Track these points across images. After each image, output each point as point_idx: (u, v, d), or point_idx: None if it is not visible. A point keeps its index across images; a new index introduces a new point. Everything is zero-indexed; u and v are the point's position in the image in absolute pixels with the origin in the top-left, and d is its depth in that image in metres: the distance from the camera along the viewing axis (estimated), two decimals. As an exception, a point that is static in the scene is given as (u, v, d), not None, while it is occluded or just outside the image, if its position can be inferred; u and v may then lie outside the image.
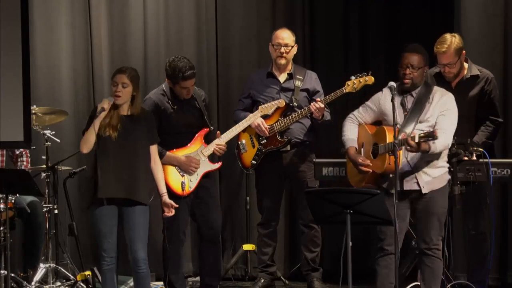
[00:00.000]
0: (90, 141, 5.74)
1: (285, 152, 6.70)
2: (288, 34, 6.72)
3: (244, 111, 6.78)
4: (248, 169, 6.83)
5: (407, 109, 5.74)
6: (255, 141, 6.74)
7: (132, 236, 5.76)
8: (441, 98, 5.73)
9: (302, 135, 6.71)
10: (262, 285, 6.87)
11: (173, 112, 6.35)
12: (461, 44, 6.17)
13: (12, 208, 6.62)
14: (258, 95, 6.77)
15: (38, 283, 6.69)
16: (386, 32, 7.73)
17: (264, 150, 6.70)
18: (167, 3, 7.75)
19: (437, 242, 5.69)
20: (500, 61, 6.91)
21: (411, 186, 5.66)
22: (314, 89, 6.74)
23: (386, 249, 5.68)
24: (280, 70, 6.78)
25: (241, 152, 6.80)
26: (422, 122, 5.68)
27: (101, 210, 5.76)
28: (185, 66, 6.21)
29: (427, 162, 5.67)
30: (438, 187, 5.70)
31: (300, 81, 6.71)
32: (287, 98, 6.69)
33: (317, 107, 6.45)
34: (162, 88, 6.41)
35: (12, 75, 6.64)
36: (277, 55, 6.72)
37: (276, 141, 6.67)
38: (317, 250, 6.83)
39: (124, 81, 5.78)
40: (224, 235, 7.77)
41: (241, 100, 6.87)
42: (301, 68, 6.87)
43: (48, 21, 7.64)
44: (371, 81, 6.35)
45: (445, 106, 5.70)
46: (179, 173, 6.32)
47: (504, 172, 6.04)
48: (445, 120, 5.66)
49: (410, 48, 5.76)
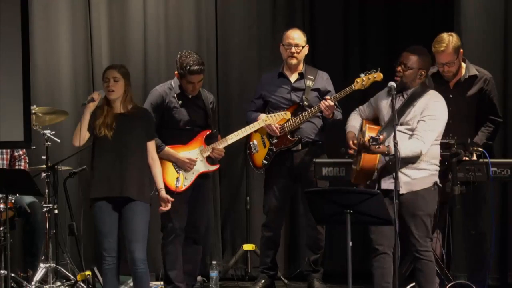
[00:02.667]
0: (81, 133, 5.74)
1: (296, 152, 6.69)
2: (299, 34, 6.73)
3: (256, 112, 6.77)
4: (259, 169, 6.82)
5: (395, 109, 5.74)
6: (266, 141, 6.74)
7: (130, 236, 5.76)
8: (428, 103, 5.65)
9: (314, 134, 6.70)
10: (262, 285, 6.86)
11: (177, 107, 6.37)
12: (459, 43, 6.19)
13: (12, 208, 6.63)
14: (269, 95, 6.77)
15: (38, 283, 6.69)
16: (386, 32, 7.74)
17: (275, 149, 6.69)
18: (167, 4, 7.75)
19: (425, 244, 5.61)
20: (500, 61, 6.92)
21: (388, 186, 5.61)
22: (325, 89, 6.74)
23: (377, 248, 5.67)
24: (291, 70, 6.78)
25: (253, 153, 6.80)
26: (403, 124, 5.64)
27: (100, 210, 5.76)
28: (193, 61, 6.25)
29: (405, 163, 5.57)
30: (418, 189, 5.62)
31: (311, 81, 6.72)
32: (298, 98, 6.69)
33: (326, 105, 6.45)
34: (171, 82, 6.46)
35: (12, 75, 6.64)
36: (288, 55, 6.72)
37: (287, 140, 6.67)
38: (320, 252, 6.83)
39: (115, 75, 5.82)
40: (224, 235, 7.79)
41: (253, 101, 6.87)
42: (312, 68, 6.85)
43: (48, 21, 7.64)
44: (380, 77, 6.32)
45: (428, 111, 5.61)
46: (175, 169, 6.34)
47: (504, 172, 6.04)
48: (423, 126, 5.58)
49: (410, 48, 5.75)
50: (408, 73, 5.69)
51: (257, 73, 7.68)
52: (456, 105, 6.25)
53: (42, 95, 7.55)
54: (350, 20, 7.76)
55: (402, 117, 5.63)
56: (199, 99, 6.47)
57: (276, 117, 6.54)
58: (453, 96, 6.27)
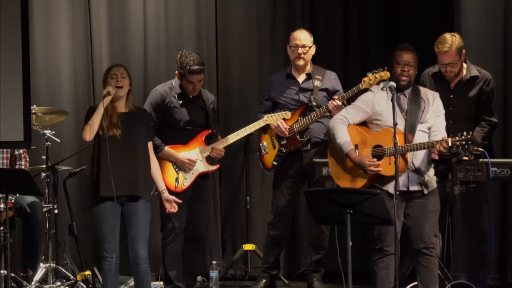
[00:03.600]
0: (95, 127, 5.74)
1: (306, 152, 6.69)
2: (305, 35, 6.72)
3: (265, 113, 6.77)
4: (269, 170, 6.81)
5: (404, 109, 5.76)
6: (275, 142, 6.74)
7: (134, 234, 5.76)
8: (435, 99, 5.82)
9: (323, 134, 6.68)
10: (263, 285, 6.86)
11: (177, 107, 6.37)
12: (462, 43, 6.19)
13: (12, 208, 6.63)
14: (277, 96, 6.76)
15: (38, 283, 6.69)
16: (386, 32, 7.74)
17: (285, 150, 6.69)
18: (167, 4, 7.74)
19: (433, 241, 5.72)
20: (500, 61, 6.91)
21: (414, 187, 5.69)
22: (333, 88, 6.73)
23: (386, 250, 5.68)
24: (299, 70, 6.77)
25: (262, 154, 6.79)
26: (423, 122, 5.72)
27: (104, 210, 5.75)
28: (193, 61, 6.26)
29: (428, 162, 5.71)
30: (435, 186, 5.78)
31: (319, 81, 6.71)
32: (306, 98, 6.69)
33: (334, 105, 6.44)
34: (171, 82, 6.47)
35: (12, 75, 6.64)
36: (295, 56, 6.71)
37: (296, 141, 6.67)
38: (323, 253, 6.83)
39: (122, 71, 5.86)
40: (224, 235, 7.78)
41: (262, 103, 6.86)
42: (320, 68, 6.84)
43: (48, 21, 7.63)
44: (387, 76, 6.28)
45: (439, 107, 5.82)
46: (175, 169, 6.35)
47: (504, 172, 6.04)
48: (441, 122, 5.79)
49: (405, 47, 5.84)
50: (413, 72, 5.80)
51: (257, 73, 7.69)
52: (457, 106, 6.25)
53: (42, 95, 7.55)
54: (350, 20, 7.76)
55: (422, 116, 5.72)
56: (200, 99, 6.47)
57: (276, 117, 6.54)
58: (453, 97, 6.27)
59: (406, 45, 5.87)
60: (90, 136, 5.77)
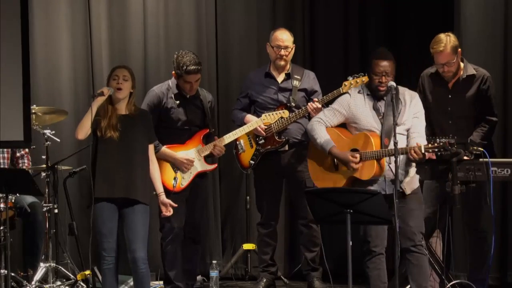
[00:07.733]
0: (86, 126, 5.71)
1: (283, 152, 6.70)
2: (287, 35, 6.71)
3: (242, 110, 6.78)
4: (246, 169, 6.84)
5: (381, 113, 5.75)
6: (253, 142, 6.74)
7: (131, 236, 5.75)
8: (412, 99, 5.79)
9: (300, 135, 6.70)
10: (264, 285, 6.87)
11: (174, 107, 6.37)
12: (457, 42, 6.19)
13: (12, 208, 6.63)
14: (256, 95, 6.77)
15: (38, 282, 6.69)
16: (386, 32, 7.74)
17: (262, 150, 6.70)
18: (167, 3, 7.75)
19: (421, 238, 5.73)
20: (500, 61, 6.91)
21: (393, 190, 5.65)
22: (312, 89, 6.74)
23: (373, 250, 5.71)
24: (279, 70, 6.77)
25: (239, 152, 6.81)
26: (399, 125, 5.67)
27: (101, 210, 5.75)
28: (190, 61, 6.25)
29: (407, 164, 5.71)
30: (416, 186, 5.77)
31: (298, 81, 6.71)
32: (285, 98, 6.69)
33: (314, 107, 6.44)
34: (168, 83, 6.46)
35: (12, 75, 6.64)
36: (276, 57, 6.71)
37: (274, 141, 6.68)
38: (317, 250, 6.83)
39: (125, 73, 5.83)
40: (224, 235, 7.79)
41: (239, 100, 6.87)
42: (299, 67, 6.86)
43: (48, 21, 7.64)
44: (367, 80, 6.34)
45: (417, 107, 5.79)
46: (173, 169, 6.35)
47: (504, 172, 6.03)
48: (419, 123, 5.76)
49: (382, 55, 5.76)
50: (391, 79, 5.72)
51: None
52: (456, 105, 6.25)
53: (42, 95, 7.55)
54: (350, 20, 7.76)
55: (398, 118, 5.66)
56: (197, 99, 6.47)
57: (274, 116, 6.54)
58: (452, 96, 6.27)
59: (383, 51, 5.80)
60: (82, 135, 5.74)
